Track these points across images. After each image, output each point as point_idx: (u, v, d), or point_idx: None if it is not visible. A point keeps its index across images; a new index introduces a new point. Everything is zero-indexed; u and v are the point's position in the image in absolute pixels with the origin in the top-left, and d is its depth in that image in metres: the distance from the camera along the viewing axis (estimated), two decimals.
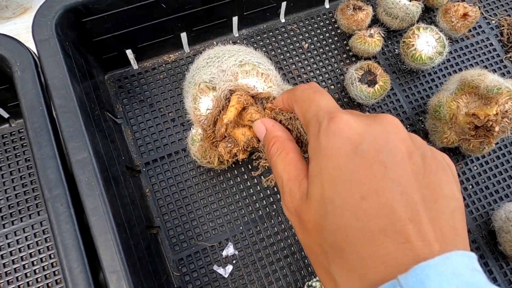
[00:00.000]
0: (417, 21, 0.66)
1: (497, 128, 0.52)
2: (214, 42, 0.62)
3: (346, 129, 0.26)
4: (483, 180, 0.60)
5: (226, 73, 0.46)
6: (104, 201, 0.39)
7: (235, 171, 0.56)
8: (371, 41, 0.61)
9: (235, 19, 0.60)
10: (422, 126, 0.61)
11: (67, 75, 0.43)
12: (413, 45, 0.60)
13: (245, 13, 0.60)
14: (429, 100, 0.59)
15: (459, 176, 0.59)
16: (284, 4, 0.62)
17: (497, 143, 0.62)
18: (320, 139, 0.27)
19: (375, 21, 0.66)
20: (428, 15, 0.68)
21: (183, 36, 0.58)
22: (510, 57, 0.66)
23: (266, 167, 0.50)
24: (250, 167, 0.56)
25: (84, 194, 0.39)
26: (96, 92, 0.52)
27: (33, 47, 0.45)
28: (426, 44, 0.60)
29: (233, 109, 0.44)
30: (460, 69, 0.65)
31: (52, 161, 0.39)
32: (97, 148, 0.42)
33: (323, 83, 0.62)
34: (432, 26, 0.61)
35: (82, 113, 0.42)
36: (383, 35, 0.62)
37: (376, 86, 0.58)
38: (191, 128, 0.52)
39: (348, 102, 0.61)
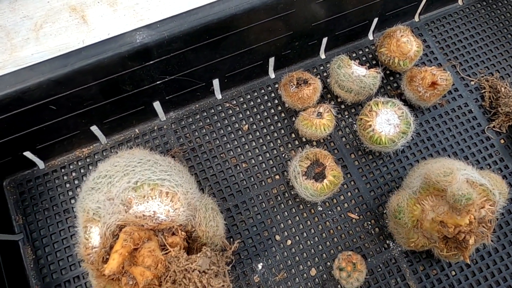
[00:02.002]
0: (378, 91, 0.56)
1: (471, 241, 0.42)
2: (136, 130, 0.53)
3: None
4: None
5: (114, 203, 0.37)
6: None
7: None
8: (319, 124, 0.51)
9: (157, 105, 0.51)
10: (388, 221, 0.51)
11: None
12: (370, 125, 0.50)
13: (167, 97, 0.51)
14: (390, 197, 0.48)
15: (433, 285, 0.48)
16: (216, 81, 0.53)
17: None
18: None
19: (329, 91, 0.56)
20: (393, 79, 0.58)
21: (94, 129, 0.50)
22: (494, 126, 0.55)
23: None
24: None
25: None
26: None
27: None
28: (387, 123, 0.50)
29: (116, 256, 0.35)
30: (433, 145, 0.55)
31: None
32: None
33: (266, 173, 0.52)
34: (394, 99, 0.50)
35: None
36: (334, 113, 0.52)
37: (325, 181, 0.48)
38: None
39: (295, 196, 0.51)
